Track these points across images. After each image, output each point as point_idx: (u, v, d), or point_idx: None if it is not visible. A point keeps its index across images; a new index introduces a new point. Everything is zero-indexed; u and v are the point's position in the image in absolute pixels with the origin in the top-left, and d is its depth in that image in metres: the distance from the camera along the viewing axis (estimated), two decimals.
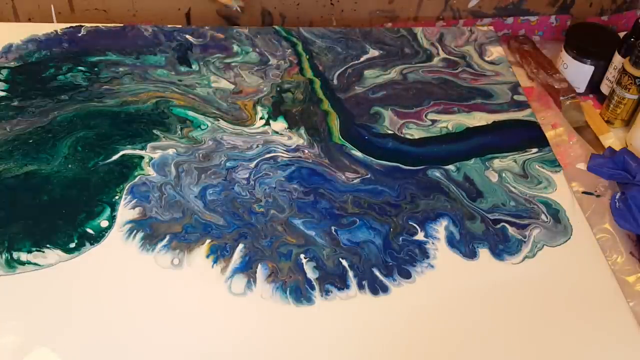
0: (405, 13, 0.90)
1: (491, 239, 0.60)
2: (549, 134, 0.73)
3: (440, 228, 0.60)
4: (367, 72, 0.78)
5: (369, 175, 0.65)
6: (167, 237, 0.58)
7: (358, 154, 0.67)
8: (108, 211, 0.60)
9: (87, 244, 0.57)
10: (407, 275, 0.56)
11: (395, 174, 0.65)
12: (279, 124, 0.70)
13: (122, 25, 0.82)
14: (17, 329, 0.51)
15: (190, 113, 0.71)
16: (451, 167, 0.66)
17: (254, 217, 0.60)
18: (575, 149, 0.72)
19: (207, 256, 0.57)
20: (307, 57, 0.80)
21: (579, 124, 0.76)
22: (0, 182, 0.61)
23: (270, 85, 0.75)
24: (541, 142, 0.70)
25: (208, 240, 0.58)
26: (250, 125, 0.70)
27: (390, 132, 0.70)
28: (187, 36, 0.81)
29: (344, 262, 0.57)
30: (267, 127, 0.70)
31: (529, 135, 0.71)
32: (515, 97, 0.76)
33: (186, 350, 0.50)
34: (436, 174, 0.66)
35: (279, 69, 0.78)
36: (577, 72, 0.80)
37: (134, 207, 0.60)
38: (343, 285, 0.55)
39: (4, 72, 0.74)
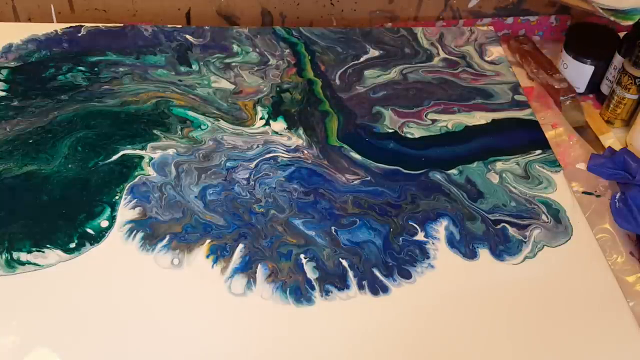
0: (405, 13, 0.90)
1: (491, 240, 0.60)
2: (549, 134, 0.73)
3: (441, 228, 0.60)
4: (367, 72, 0.78)
5: (368, 178, 0.65)
6: (167, 237, 0.58)
7: (357, 156, 0.67)
8: (108, 211, 0.60)
9: (87, 244, 0.57)
10: (407, 276, 0.56)
11: (396, 177, 0.65)
12: (279, 124, 0.70)
13: (122, 25, 0.82)
14: (17, 329, 0.51)
15: (191, 113, 0.71)
16: (453, 170, 0.66)
17: (254, 217, 0.60)
18: (575, 149, 0.72)
19: (207, 256, 0.57)
20: (309, 57, 0.80)
21: (579, 124, 0.76)
22: (0, 182, 0.61)
23: (270, 86, 0.75)
24: (543, 143, 0.70)
25: (208, 240, 0.58)
26: (250, 126, 0.70)
27: (391, 130, 0.70)
28: (187, 36, 0.81)
29: (344, 262, 0.57)
30: (267, 127, 0.70)
31: (530, 137, 0.71)
32: (516, 97, 0.76)
33: (186, 350, 0.50)
34: (437, 176, 0.65)
35: (279, 69, 0.78)
36: (577, 72, 0.80)
37: (134, 207, 0.60)
38: (343, 285, 0.55)
39: (4, 72, 0.74)
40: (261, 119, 0.71)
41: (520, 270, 0.57)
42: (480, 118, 0.73)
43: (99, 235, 0.57)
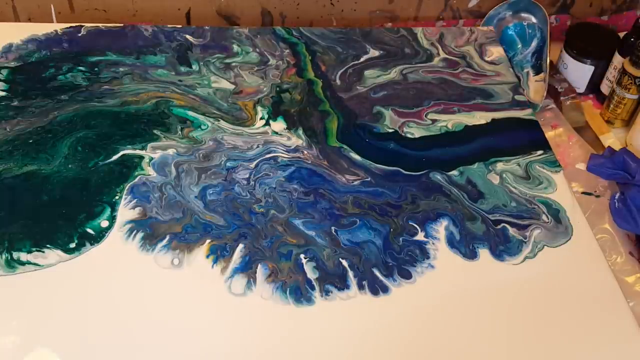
0: (405, 13, 0.91)
1: (491, 240, 0.60)
2: (549, 134, 0.73)
3: (441, 228, 0.60)
4: (367, 72, 0.78)
5: (368, 179, 0.65)
6: (167, 237, 0.58)
7: (357, 157, 0.67)
8: (108, 211, 0.60)
9: (87, 244, 0.57)
10: (407, 276, 0.56)
11: (396, 178, 0.65)
12: (279, 124, 0.70)
13: (122, 25, 0.82)
14: (17, 329, 0.51)
15: (191, 113, 0.71)
16: (454, 172, 0.66)
17: (254, 217, 0.60)
18: (575, 149, 0.72)
19: (207, 256, 0.57)
20: (310, 57, 0.80)
21: (579, 124, 0.76)
22: (0, 182, 0.61)
23: (270, 86, 0.75)
24: (544, 143, 0.70)
25: (208, 241, 0.58)
26: (250, 126, 0.70)
27: (391, 130, 0.70)
28: (187, 36, 0.81)
29: (344, 262, 0.57)
30: (267, 127, 0.70)
31: (530, 137, 0.71)
32: (516, 97, 0.76)
33: (186, 350, 0.50)
34: (437, 177, 0.65)
35: (279, 69, 0.78)
36: (577, 72, 0.80)
37: (134, 207, 0.60)
38: (343, 285, 0.55)
39: (4, 72, 0.74)
40: (261, 119, 0.71)
41: (520, 271, 0.57)
42: (480, 118, 0.73)
43: (99, 235, 0.57)
